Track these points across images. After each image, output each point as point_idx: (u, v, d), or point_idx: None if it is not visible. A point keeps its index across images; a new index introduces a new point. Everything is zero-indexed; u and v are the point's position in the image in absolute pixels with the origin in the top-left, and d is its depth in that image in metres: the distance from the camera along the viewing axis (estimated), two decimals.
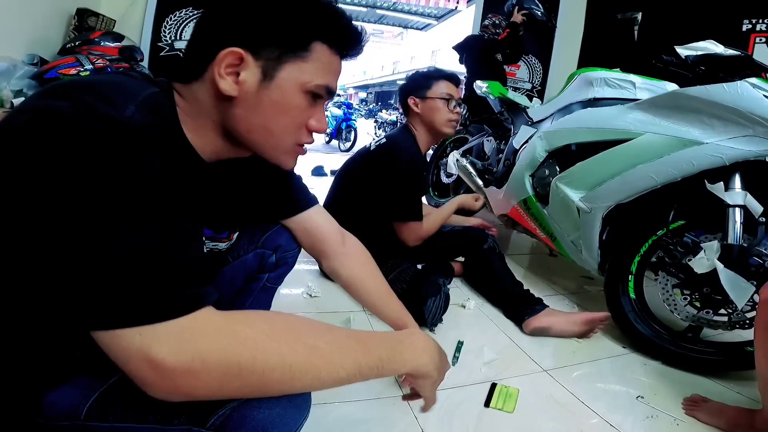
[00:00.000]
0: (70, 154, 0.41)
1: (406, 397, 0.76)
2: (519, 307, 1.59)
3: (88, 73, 2.45)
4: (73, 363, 0.57)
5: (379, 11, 12.64)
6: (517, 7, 3.11)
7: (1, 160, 0.43)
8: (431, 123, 1.69)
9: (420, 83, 1.71)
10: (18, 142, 0.43)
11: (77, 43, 2.69)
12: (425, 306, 1.42)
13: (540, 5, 3.15)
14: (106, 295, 0.41)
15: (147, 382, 0.43)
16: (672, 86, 1.48)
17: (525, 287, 1.67)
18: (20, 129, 0.43)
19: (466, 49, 3.40)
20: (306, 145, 0.66)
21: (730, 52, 1.30)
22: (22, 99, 2.11)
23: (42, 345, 0.54)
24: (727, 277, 1.19)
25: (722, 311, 1.29)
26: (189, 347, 0.42)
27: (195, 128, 0.60)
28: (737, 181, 1.25)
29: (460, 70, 3.23)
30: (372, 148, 1.77)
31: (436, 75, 1.72)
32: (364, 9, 12.35)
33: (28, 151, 0.42)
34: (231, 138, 0.62)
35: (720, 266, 1.21)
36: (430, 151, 3.09)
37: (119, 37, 2.87)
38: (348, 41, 0.63)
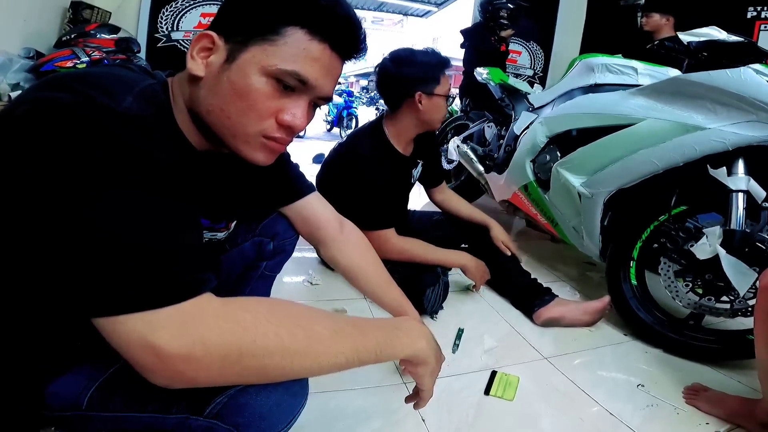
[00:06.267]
0: (69, 143, 0.42)
1: (408, 399, 0.72)
2: (528, 298, 1.56)
3: (84, 65, 2.44)
4: (73, 353, 0.58)
5: None
6: (504, 22, 3.35)
7: (1, 150, 0.44)
8: (429, 121, 1.53)
9: (430, 75, 1.47)
10: (17, 133, 0.43)
11: (73, 36, 2.67)
12: (424, 296, 1.41)
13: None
14: (107, 281, 0.41)
15: (148, 368, 0.42)
16: (674, 72, 1.47)
17: (532, 276, 1.65)
18: (19, 119, 0.43)
19: (469, 37, 3.44)
20: (280, 138, 0.59)
21: (734, 38, 1.29)
22: (19, 92, 2.10)
23: (43, 335, 0.54)
24: (729, 263, 1.18)
25: (724, 298, 1.28)
26: (190, 333, 0.42)
27: (182, 118, 0.60)
28: (740, 166, 1.23)
29: (455, 54, 3.36)
30: (337, 148, 1.68)
31: (443, 66, 1.50)
32: None
33: (28, 141, 0.42)
34: (201, 126, 0.60)
35: (722, 252, 1.20)
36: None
37: (115, 29, 2.85)
38: (333, 27, 0.57)
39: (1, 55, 2.22)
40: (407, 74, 1.47)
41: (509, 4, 3.29)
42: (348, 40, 0.60)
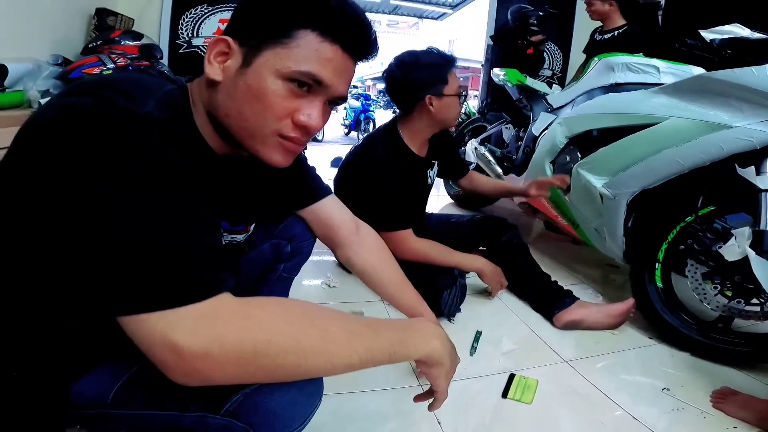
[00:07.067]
0: (93, 146, 0.44)
1: (417, 398, 0.70)
2: (548, 300, 1.54)
3: (110, 71, 2.50)
4: (98, 352, 0.59)
5: (393, 1, 12.40)
6: (534, 28, 3.41)
7: (31, 153, 0.47)
8: (443, 121, 1.53)
9: (437, 77, 1.47)
10: (46, 137, 0.46)
11: (98, 43, 2.75)
12: (441, 298, 1.40)
13: (530, 6, 3.43)
14: (130, 281, 0.43)
15: (168, 366, 0.44)
16: (698, 70, 1.44)
17: (552, 279, 1.62)
18: (47, 124, 0.46)
19: (498, 41, 3.63)
20: (296, 138, 0.60)
21: (758, 35, 1.25)
22: (49, 99, 2.17)
23: (69, 335, 0.56)
24: (759, 265, 1.14)
25: (755, 301, 1.24)
26: (207, 331, 0.44)
27: (201, 122, 0.61)
28: None
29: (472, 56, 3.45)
30: (353, 150, 1.70)
31: (449, 65, 1.49)
32: (378, 0, 12.22)
33: (55, 144, 0.45)
34: (220, 129, 0.61)
35: (752, 253, 1.15)
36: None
37: (138, 36, 2.91)
38: (343, 29, 0.58)
39: (30, 62, 2.29)
40: (414, 78, 1.46)
41: (539, 12, 3.35)
42: (359, 41, 0.61)
